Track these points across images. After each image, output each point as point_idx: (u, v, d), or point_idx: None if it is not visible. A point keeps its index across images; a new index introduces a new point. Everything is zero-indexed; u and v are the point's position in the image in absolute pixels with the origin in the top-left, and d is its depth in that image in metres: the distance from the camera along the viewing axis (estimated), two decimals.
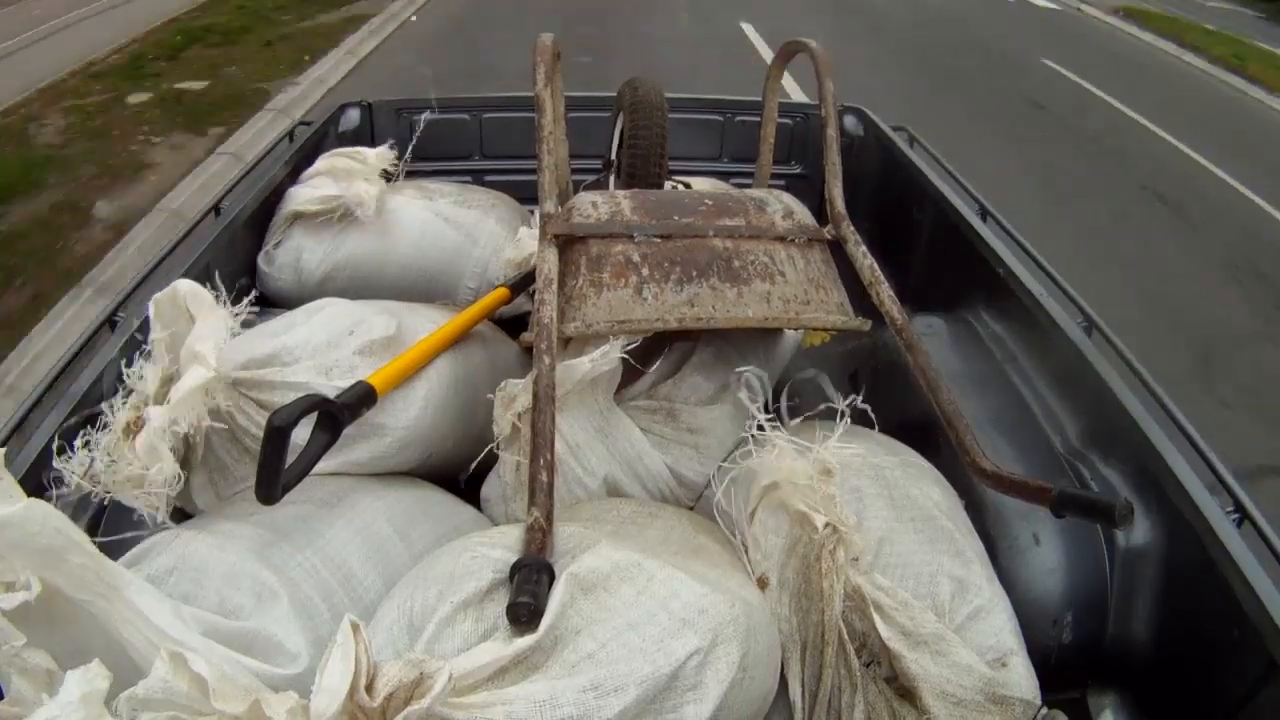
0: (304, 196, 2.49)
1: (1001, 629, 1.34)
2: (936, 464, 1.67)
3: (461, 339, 1.80)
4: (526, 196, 2.69)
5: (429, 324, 1.79)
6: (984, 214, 2.52)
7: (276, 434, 1.20)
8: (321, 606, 1.28)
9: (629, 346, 1.50)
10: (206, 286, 1.52)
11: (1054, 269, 2.20)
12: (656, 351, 1.72)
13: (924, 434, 1.76)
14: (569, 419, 1.52)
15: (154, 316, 1.46)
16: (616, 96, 2.41)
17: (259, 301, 2.44)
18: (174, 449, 1.38)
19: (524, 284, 2.17)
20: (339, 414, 1.37)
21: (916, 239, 2.75)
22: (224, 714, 0.90)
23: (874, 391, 1.73)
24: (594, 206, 1.69)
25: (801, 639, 1.30)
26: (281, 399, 1.43)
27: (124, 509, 1.42)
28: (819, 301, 1.68)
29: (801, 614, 1.31)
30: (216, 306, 1.49)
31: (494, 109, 3.27)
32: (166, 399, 1.39)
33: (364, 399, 1.44)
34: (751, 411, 1.55)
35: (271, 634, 1.19)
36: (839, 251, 1.84)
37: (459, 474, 1.70)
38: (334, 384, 1.50)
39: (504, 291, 2.08)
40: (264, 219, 2.55)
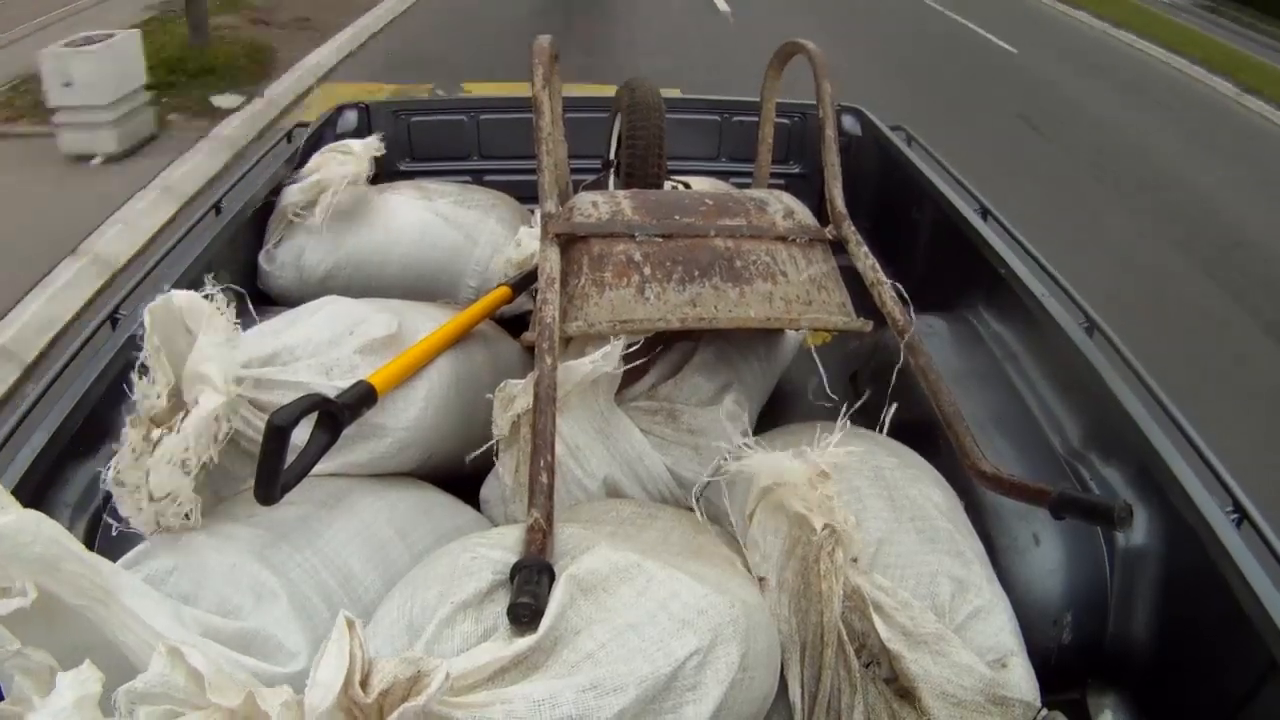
0: (294, 198, 2.52)
1: (1001, 629, 1.34)
2: (936, 464, 1.67)
3: (463, 338, 1.80)
4: (525, 196, 2.69)
5: (430, 323, 1.78)
6: (984, 213, 2.52)
7: (276, 434, 1.20)
8: (321, 607, 1.28)
9: (630, 348, 1.49)
10: (203, 292, 1.42)
11: (1054, 268, 2.20)
12: (656, 352, 1.72)
13: (924, 434, 1.76)
14: (569, 420, 1.51)
15: (149, 328, 1.34)
16: (614, 98, 2.41)
17: (260, 300, 2.45)
18: (188, 474, 1.32)
19: (525, 283, 2.17)
20: (339, 414, 1.37)
21: (916, 238, 2.75)
22: (219, 707, 0.90)
23: (874, 392, 1.73)
24: (595, 206, 1.69)
25: (801, 640, 1.30)
26: (281, 399, 1.43)
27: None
28: (821, 302, 1.68)
29: (801, 615, 1.30)
30: (215, 317, 1.39)
31: (491, 110, 3.28)
32: (174, 427, 1.30)
33: (364, 399, 1.44)
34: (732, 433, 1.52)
35: (271, 634, 1.19)
36: (839, 251, 1.84)
37: (459, 474, 1.70)
38: (334, 383, 1.50)
39: (505, 290, 2.08)
40: (264, 217, 2.56)
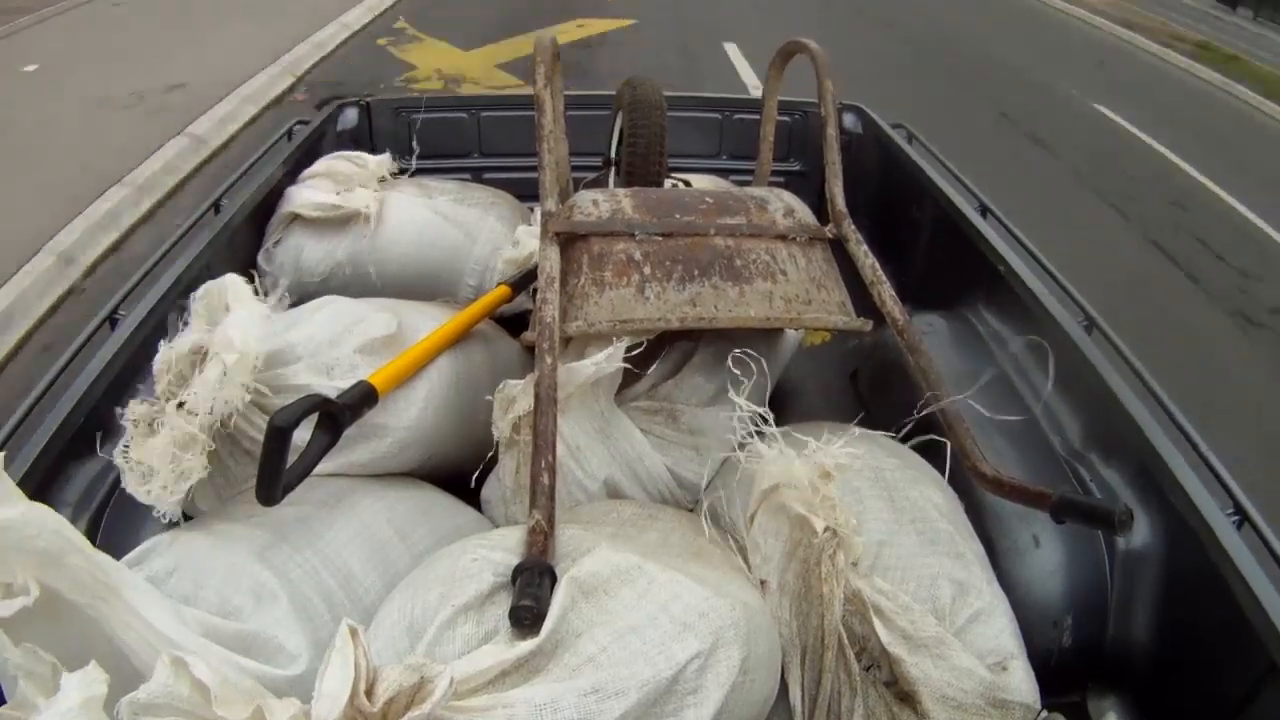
0: (303, 199, 2.48)
1: (1002, 632, 1.34)
2: (936, 465, 1.67)
3: (463, 338, 1.80)
4: (525, 194, 2.68)
5: (430, 322, 1.78)
6: (984, 211, 2.51)
7: (277, 435, 1.20)
8: (321, 608, 1.28)
9: (632, 350, 1.49)
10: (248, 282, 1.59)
11: (1054, 267, 2.20)
12: (657, 351, 1.72)
13: (924, 435, 1.76)
14: (569, 421, 1.51)
15: (197, 300, 1.53)
16: (615, 95, 2.40)
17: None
18: (204, 448, 1.39)
19: (525, 282, 2.17)
20: (340, 415, 1.37)
21: (916, 237, 2.75)
22: None
23: (874, 392, 1.73)
24: (595, 204, 1.69)
25: (801, 643, 1.30)
26: (282, 401, 1.43)
27: (125, 508, 1.42)
28: (821, 301, 1.68)
29: (802, 618, 1.31)
30: (255, 300, 1.55)
31: (492, 107, 3.27)
32: (194, 388, 1.41)
33: (365, 399, 1.44)
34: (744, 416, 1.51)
35: (271, 635, 1.19)
36: (839, 250, 1.84)
37: (460, 474, 1.70)
38: (334, 383, 1.50)
39: (505, 290, 2.08)
40: (263, 217, 2.54)
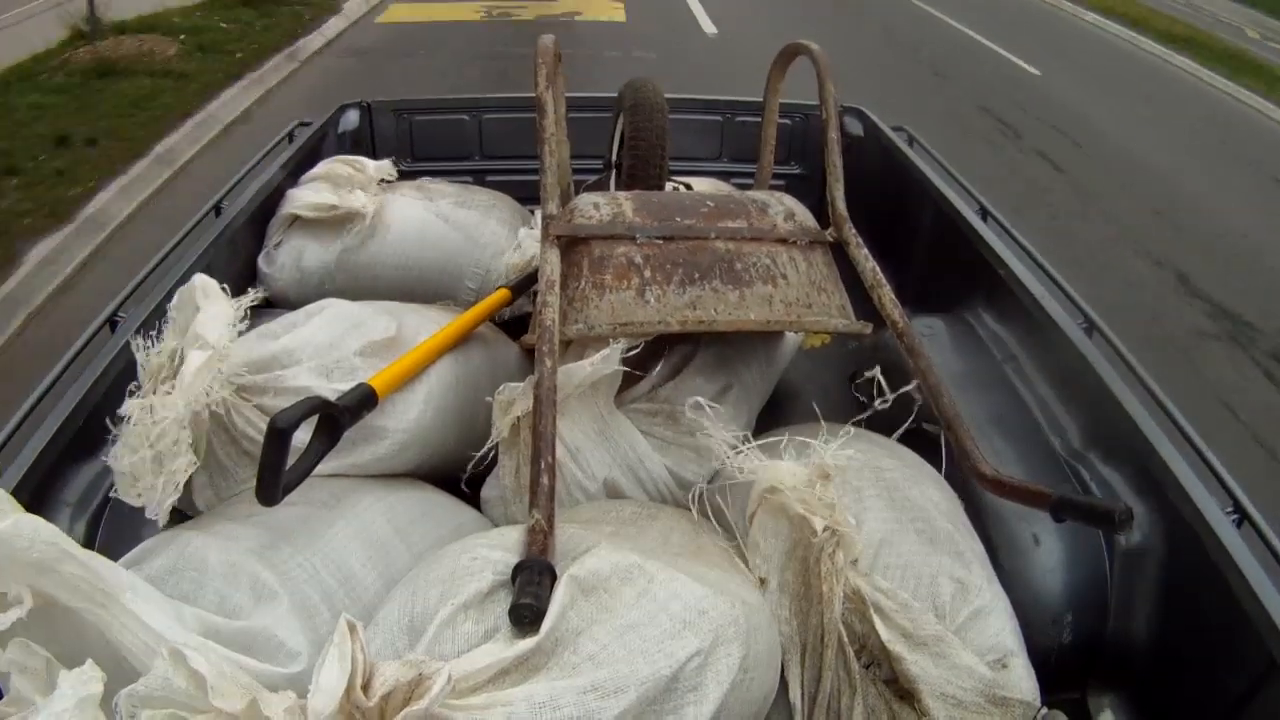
0: (302, 200, 2.49)
1: (1001, 630, 1.34)
2: (935, 465, 1.67)
3: (463, 341, 1.80)
4: (526, 197, 2.69)
5: (430, 325, 1.79)
6: (984, 214, 2.52)
7: (278, 436, 1.20)
8: (322, 607, 1.28)
9: (631, 351, 1.49)
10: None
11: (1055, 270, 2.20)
12: (657, 354, 1.72)
13: (924, 435, 1.76)
14: (569, 423, 1.51)
15: (172, 307, 1.56)
16: (617, 98, 2.41)
17: (260, 302, 2.45)
18: (193, 444, 1.40)
19: (525, 285, 2.17)
20: (340, 417, 1.37)
21: (916, 239, 2.75)
22: (222, 712, 0.90)
23: (874, 392, 1.73)
24: (596, 208, 1.69)
25: (801, 641, 1.30)
26: (282, 403, 1.44)
27: (124, 508, 1.42)
28: (821, 304, 1.68)
29: (801, 616, 1.31)
30: (223, 297, 1.57)
31: (494, 110, 3.28)
32: (173, 385, 1.42)
33: (365, 401, 1.44)
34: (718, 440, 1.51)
35: (272, 634, 1.20)
36: (840, 253, 1.84)
37: (459, 475, 1.70)
38: (335, 386, 1.50)
39: (505, 293, 2.08)
40: (264, 219, 2.55)
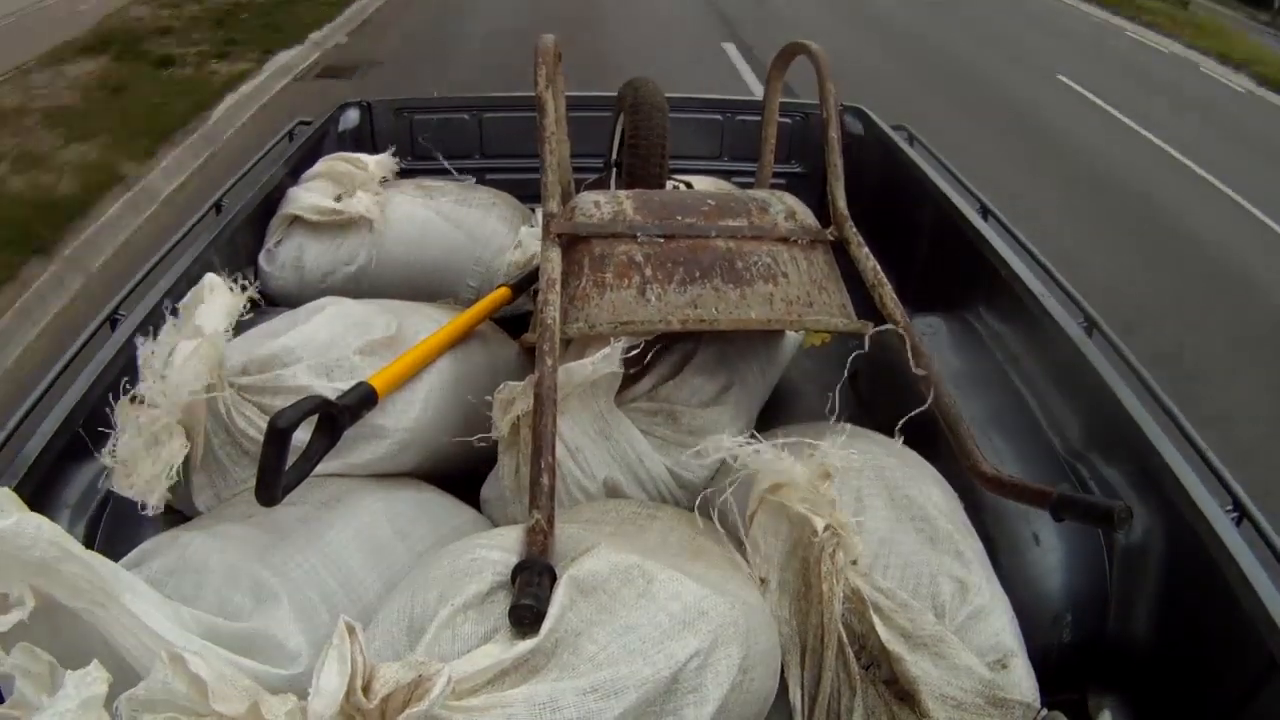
0: (304, 201, 2.48)
1: (1001, 630, 1.34)
2: (935, 464, 1.67)
3: (463, 339, 1.80)
4: (527, 195, 2.69)
5: (430, 323, 1.79)
6: (985, 212, 2.51)
7: (277, 436, 1.20)
8: (321, 608, 1.28)
9: (631, 350, 1.49)
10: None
11: (1055, 268, 2.20)
12: (657, 353, 1.72)
13: (924, 434, 1.76)
14: (569, 422, 1.51)
15: (181, 305, 1.58)
16: (617, 97, 2.41)
17: (261, 300, 2.45)
18: (182, 424, 1.42)
19: (526, 284, 2.17)
20: (340, 416, 1.37)
21: (917, 238, 2.75)
22: (223, 715, 0.90)
23: (874, 391, 1.73)
24: (597, 206, 1.69)
25: (801, 641, 1.30)
26: (281, 402, 1.44)
27: (125, 509, 1.42)
28: (822, 303, 1.68)
29: (801, 616, 1.31)
30: (227, 291, 1.60)
31: (494, 109, 3.28)
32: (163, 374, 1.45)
33: (365, 400, 1.44)
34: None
35: (272, 635, 1.20)
36: (840, 252, 1.84)
37: (459, 475, 1.70)
38: (335, 384, 1.50)
39: (506, 291, 2.08)
40: (265, 217, 2.55)
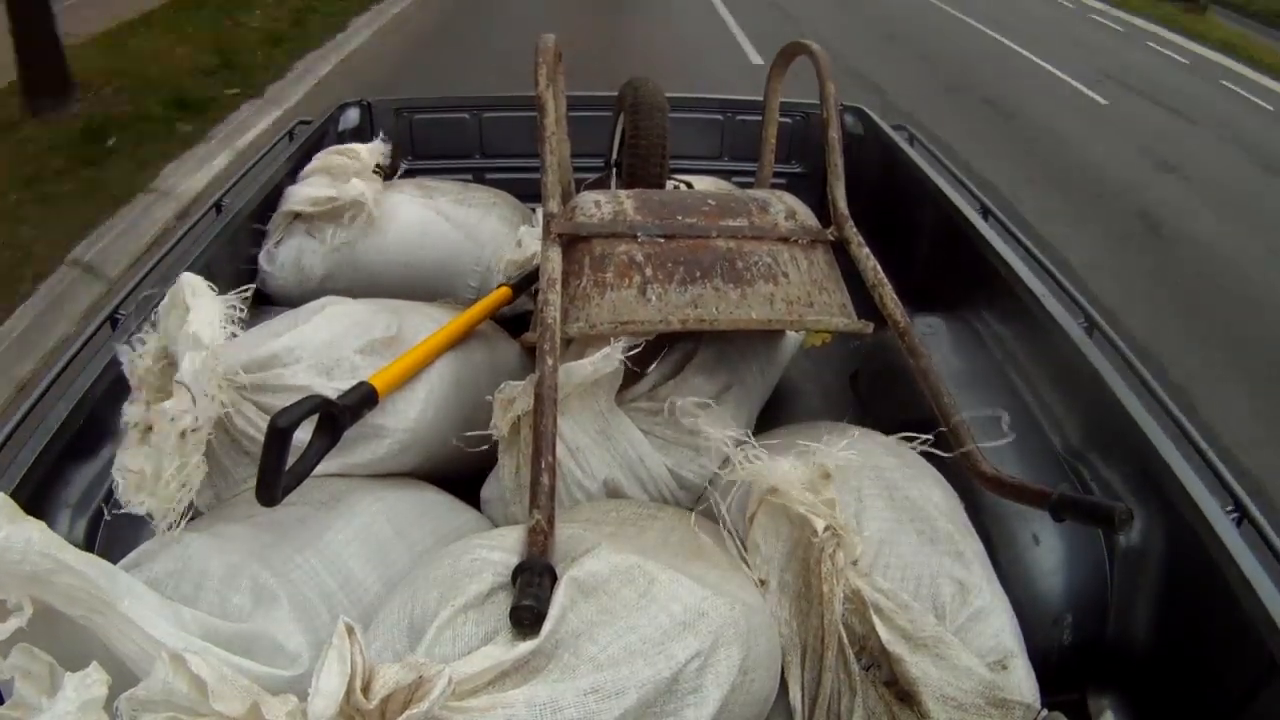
0: (301, 196, 2.50)
1: (1002, 630, 1.34)
2: (935, 464, 1.67)
3: (464, 339, 1.80)
4: (527, 195, 2.69)
5: (431, 323, 1.78)
6: (985, 213, 2.51)
7: (278, 436, 1.20)
8: (321, 608, 1.28)
9: (632, 350, 1.49)
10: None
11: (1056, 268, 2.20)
12: (658, 352, 1.72)
13: (923, 434, 1.76)
14: (569, 422, 1.51)
15: (160, 308, 1.52)
16: (617, 97, 2.41)
17: (261, 300, 2.45)
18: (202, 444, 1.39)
19: (526, 283, 2.17)
20: (340, 416, 1.37)
21: (917, 238, 2.75)
22: (223, 716, 0.90)
23: (874, 392, 1.73)
24: (597, 206, 1.69)
25: (801, 642, 1.30)
26: (282, 402, 1.44)
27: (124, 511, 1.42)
28: (822, 303, 1.68)
29: (801, 617, 1.31)
30: (211, 295, 1.54)
31: (494, 108, 3.28)
32: (170, 390, 1.40)
33: (365, 400, 1.44)
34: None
35: (272, 635, 1.19)
36: (841, 252, 1.84)
37: (459, 474, 1.70)
38: (335, 385, 1.50)
39: (506, 291, 2.08)
40: (265, 217, 2.55)
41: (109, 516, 1.44)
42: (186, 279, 1.53)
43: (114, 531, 1.57)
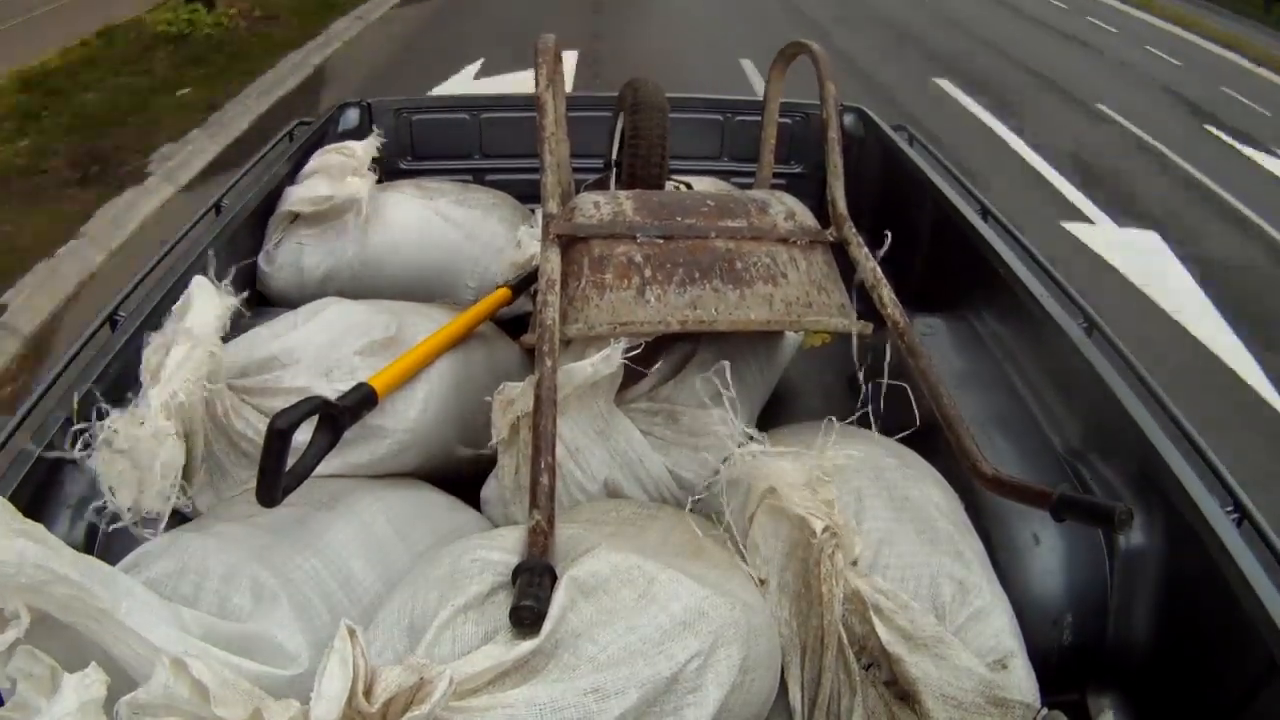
0: (298, 197, 2.50)
1: (1001, 630, 1.34)
2: (936, 465, 1.67)
3: (463, 340, 1.80)
4: (526, 195, 2.69)
5: (430, 324, 1.78)
6: (984, 213, 2.51)
7: (277, 437, 1.20)
8: (321, 608, 1.28)
9: (631, 350, 1.49)
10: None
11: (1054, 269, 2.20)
12: (657, 353, 1.72)
13: (924, 435, 1.76)
14: (569, 422, 1.51)
15: (176, 308, 1.57)
16: (617, 97, 2.40)
17: (261, 301, 2.45)
18: (177, 432, 1.42)
19: (525, 284, 2.17)
20: (340, 417, 1.37)
21: (917, 239, 2.75)
22: None
23: (874, 392, 1.73)
24: (596, 207, 1.69)
25: (801, 642, 1.30)
26: (281, 403, 1.44)
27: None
28: (821, 304, 1.68)
29: (801, 617, 1.31)
30: (214, 293, 1.59)
31: (494, 109, 3.28)
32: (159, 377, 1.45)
33: (365, 401, 1.44)
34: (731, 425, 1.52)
35: (272, 636, 1.19)
36: (840, 252, 1.84)
37: (459, 474, 1.70)
38: (334, 385, 1.50)
39: (505, 292, 2.08)
40: (264, 218, 2.55)
41: (105, 532, 1.46)
42: (197, 280, 1.59)
43: (113, 532, 1.57)
